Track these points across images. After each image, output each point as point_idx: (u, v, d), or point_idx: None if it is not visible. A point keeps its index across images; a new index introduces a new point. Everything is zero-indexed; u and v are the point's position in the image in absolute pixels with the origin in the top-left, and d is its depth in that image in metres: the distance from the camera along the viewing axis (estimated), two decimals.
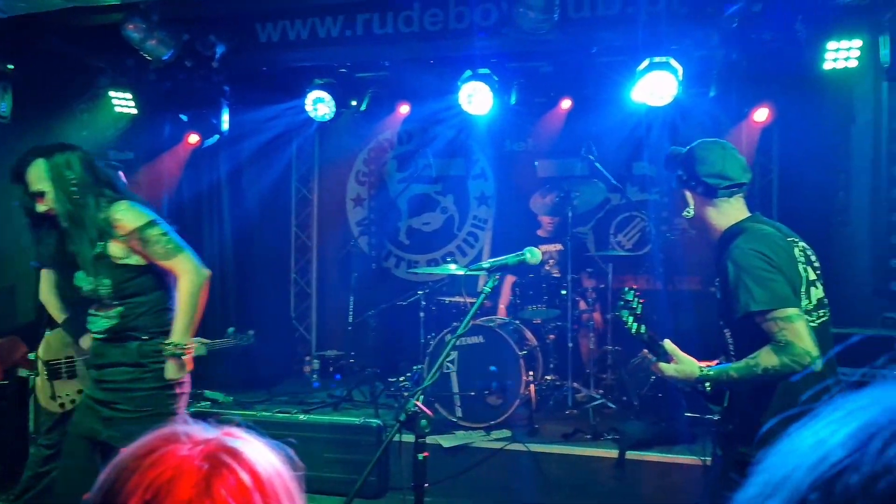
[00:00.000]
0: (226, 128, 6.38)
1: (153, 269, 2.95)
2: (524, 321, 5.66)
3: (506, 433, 4.96)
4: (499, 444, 4.80)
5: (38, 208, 2.90)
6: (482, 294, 2.61)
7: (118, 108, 6.07)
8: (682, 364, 2.43)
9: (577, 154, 6.01)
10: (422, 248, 7.72)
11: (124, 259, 2.88)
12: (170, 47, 5.37)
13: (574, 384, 5.56)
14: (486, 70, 5.65)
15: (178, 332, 2.89)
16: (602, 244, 6.99)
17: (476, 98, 5.72)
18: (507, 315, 5.85)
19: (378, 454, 2.64)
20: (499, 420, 5.03)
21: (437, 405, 5.10)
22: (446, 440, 4.86)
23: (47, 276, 3.66)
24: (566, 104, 6.47)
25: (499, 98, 5.76)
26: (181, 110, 6.33)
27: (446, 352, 2.59)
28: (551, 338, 5.70)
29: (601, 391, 5.64)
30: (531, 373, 5.20)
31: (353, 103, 6.57)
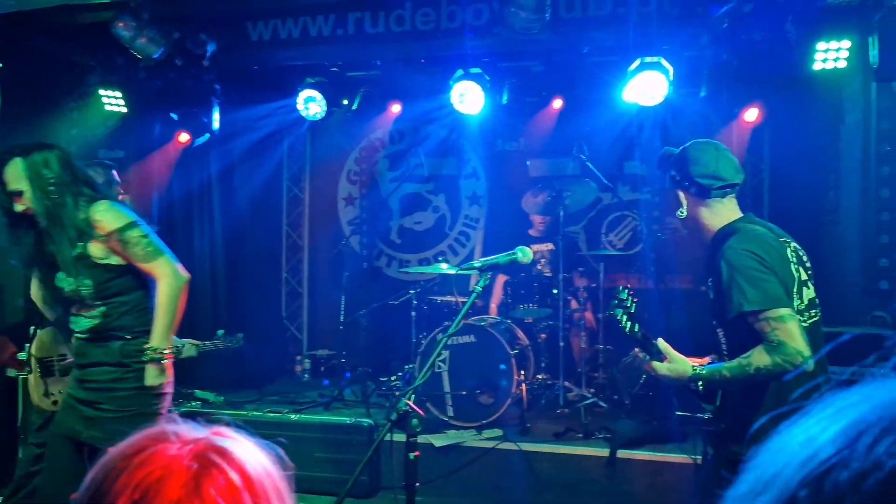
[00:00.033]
0: (216, 127, 6.35)
1: (134, 268, 2.92)
2: (516, 320, 5.67)
3: (497, 432, 4.97)
4: (490, 444, 4.80)
5: (16, 208, 2.86)
6: (473, 293, 2.61)
7: (108, 107, 6.05)
8: (675, 363, 2.45)
9: (569, 154, 6.03)
10: (413, 247, 7.72)
11: (105, 259, 2.86)
12: (160, 46, 5.35)
13: (565, 383, 5.57)
14: (478, 69, 5.66)
15: (157, 337, 2.86)
16: (593, 243, 7.00)
17: (468, 97, 5.73)
18: (498, 314, 5.86)
19: (369, 453, 2.63)
20: (490, 419, 5.04)
21: (429, 404, 5.10)
22: (438, 439, 4.85)
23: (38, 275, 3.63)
24: (558, 104, 6.48)
25: (490, 97, 5.77)
26: (171, 109, 6.29)
27: (437, 351, 2.58)
28: (543, 337, 5.70)
29: (592, 390, 5.65)
30: (523, 372, 5.21)
31: (345, 102, 6.56)
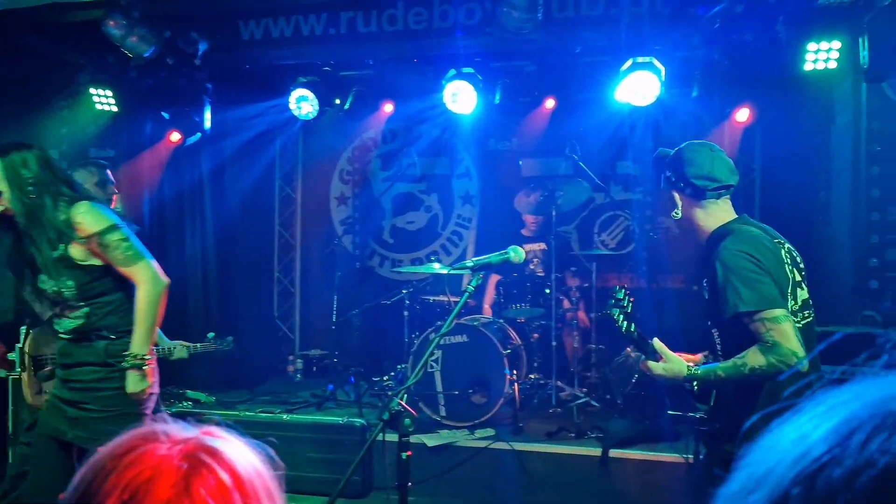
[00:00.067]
0: (208, 126, 6.33)
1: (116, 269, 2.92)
2: (508, 320, 5.67)
3: (490, 432, 4.96)
4: (483, 443, 4.80)
5: None
6: (466, 293, 2.61)
7: (99, 106, 6.02)
8: (671, 363, 2.46)
9: (562, 153, 6.03)
10: (406, 246, 7.71)
11: (86, 261, 2.84)
12: (151, 44, 5.33)
13: (558, 383, 5.58)
14: (471, 69, 5.66)
15: (137, 343, 2.83)
16: (586, 243, 7.01)
17: (460, 97, 5.73)
18: (491, 314, 5.86)
19: (362, 453, 2.63)
20: (483, 419, 5.03)
21: (422, 404, 5.09)
22: (430, 439, 4.85)
23: None
24: (550, 104, 6.48)
25: (483, 97, 5.77)
26: (163, 108, 6.27)
27: (430, 350, 2.58)
28: (535, 336, 5.71)
29: (585, 389, 5.66)
30: (515, 371, 5.21)
31: (337, 102, 6.54)
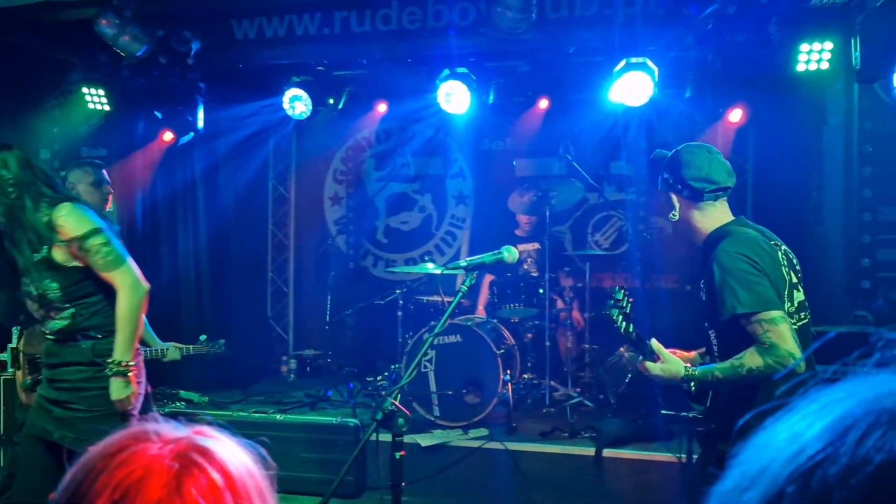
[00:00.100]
0: (201, 125, 6.31)
1: None
2: (502, 320, 5.67)
3: (483, 432, 4.96)
4: (477, 443, 4.80)
5: None
6: (459, 292, 2.60)
7: (91, 105, 5.99)
8: (668, 363, 2.46)
9: (555, 153, 6.04)
10: (400, 247, 7.70)
11: (69, 263, 2.82)
12: (144, 43, 5.30)
13: (552, 382, 5.58)
14: (464, 69, 5.65)
15: (119, 350, 2.81)
16: (580, 243, 7.02)
17: (454, 97, 5.72)
18: (485, 315, 5.86)
19: (355, 453, 2.62)
20: (476, 419, 5.03)
21: (415, 404, 5.09)
22: (424, 439, 4.85)
23: None
24: (544, 104, 6.49)
25: (477, 97, 5.77)
26: (155, 107, 6.24)
27: (423, 350, 2.58)
28: (529, 336, 5.71)
29: (578, 389, 5.67)
30: (509, 371, 5.21)
31: (331, 101, 6.53)
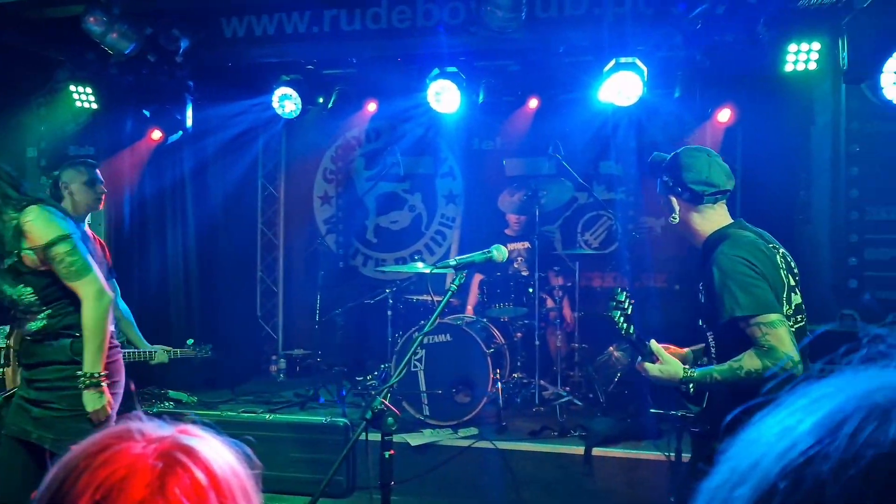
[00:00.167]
0: (190, 124, 6.26)
1: None
2: (492, 319, 5.67)
3: (473, 431, 4.96)
4: (466, 442, 4.80)
5: None
6: (449, 291, 2.60)
7: (78, 103, 5.94)
8: (667, 364, 2.47)
9: (545, 153, 6.05)
10: (389, 246, 7.69)
11: (40, 267, 2.81)
12: (132, 41, 5.26)
13: (541, 382, 5.59)
14: (454, 68, 5.65)
15: (88, 362, 2.79)
16: (569, 242, 7.03)
17: (444, 96, 5.72)
18: (474, 314, 5.86)
19: (344, 453, 2.61)
20: (466, 418, 5.03)
21: (405, 403, 5.08)
22: (414, 438, 4.84)
23: None
24: (534, 103, 6.49)
25: (467, 96, 5.76)
26: (144, 105, 6.20)
27: (413, 349, 2.57)
28: (519, 336, 5.71)
29: (568, 388, 5.68)
30: (499, 371, 5.21)
31: (321, 100, 6.50)
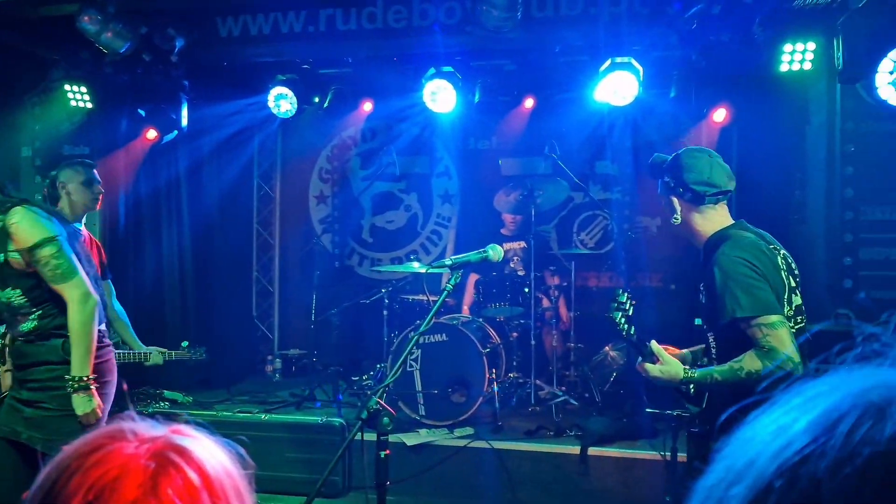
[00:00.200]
0: (185, 123, 6.25)
1: None
2: (487, 319, 5.67)
3: (469, 431, 4.96)
4: (462, 442, 4.80)
5: None
6: (444, 291, 2.60)
7: (73, 102, 5.91)
8: (668, 365, 2.47)
9: (541, 153, 6.06)
10: (385, 246, 7.69)
11: (28, 268, 2.80)
12: (127, 40, 5.24)
13: (537, 381, 5.59)
14: (450, 68, 5.65)
15: (76, 365, 2.78)
16: (565, 242, 7.04)
17: (440, 96, 5.71)
18: (470, 314, 5.86)
19: (340, 452, 2.61)
20: (462, 418, 5.03)
21: (401, 403, 5.08)
22: (409, 438, 4.84)
23: None
24: (529, 103, 6.49)
25: (463, 96, 5.76)
26: (139, 105, 6.18)
27: (408, 349, 2.57)
28: (514, 335, 5.71)
29: (564, 388, 5.68)
30: (494, 370, 5.21)
31: (316, 100, 6.50)
